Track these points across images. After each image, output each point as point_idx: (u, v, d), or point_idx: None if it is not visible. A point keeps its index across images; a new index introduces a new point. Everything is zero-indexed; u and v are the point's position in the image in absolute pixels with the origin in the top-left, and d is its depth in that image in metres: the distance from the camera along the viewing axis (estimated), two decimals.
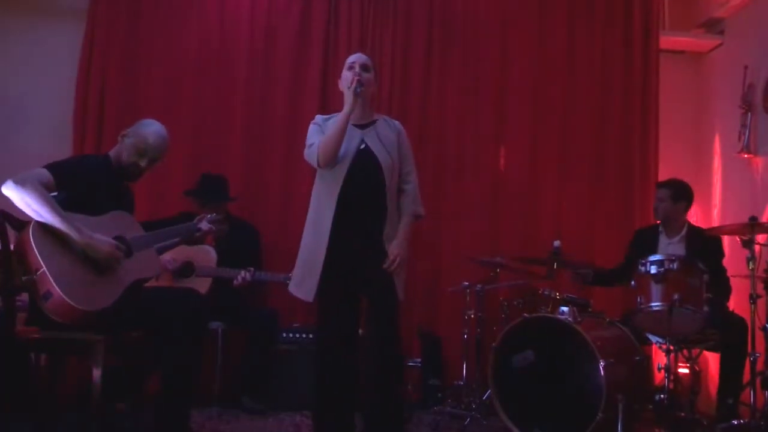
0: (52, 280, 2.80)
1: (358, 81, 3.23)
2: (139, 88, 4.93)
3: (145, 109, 4.86)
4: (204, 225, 3.62)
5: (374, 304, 3.26)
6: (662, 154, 5.20)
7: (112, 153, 3.33)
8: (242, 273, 4.26)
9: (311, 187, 4.93)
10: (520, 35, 5.19)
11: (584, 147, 5.14)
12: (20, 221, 3.05)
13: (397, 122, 3.48)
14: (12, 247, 2.94)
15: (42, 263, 2.81)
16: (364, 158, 3.27)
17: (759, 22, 4.85)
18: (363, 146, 3.29)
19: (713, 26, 5.29)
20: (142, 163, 3.28)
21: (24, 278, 2.84)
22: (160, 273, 3.56)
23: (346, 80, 3.29)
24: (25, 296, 3.11)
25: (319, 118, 3.41)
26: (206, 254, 4.36)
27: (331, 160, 3.21)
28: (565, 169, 5.12)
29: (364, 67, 3.33)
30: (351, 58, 3.38)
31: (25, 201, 2.91)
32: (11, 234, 3.01)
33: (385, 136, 3.35)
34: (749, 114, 4.78)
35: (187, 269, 4.33)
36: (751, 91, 4.80)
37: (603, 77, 5.20)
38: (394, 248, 3.23)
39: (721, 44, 5.25)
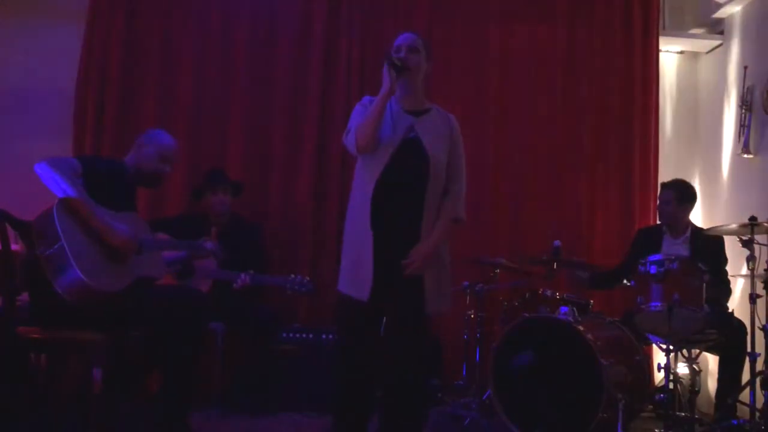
0: (69, 254, 2.87)
1: (397, 58, 2.90)
2: (139, 88, 4.92)
3: (145, 109, 4.89)
4: (209, 245, 3.73)
5: (396, 314, 2.97)
6: (662, 155, 5.21)
7: (127, 160, 3.48)
8: (242, 276, 4.25)
9: (311, 187, 5.02)
10: (519, 35, 5.18)
11: (584, 147, 5.14)
12: (20, 221, 3.07)
13: (452, 116, 3.12)
14: (32, 225, 3.01)
15: (62, 237, 2.90)
16: (411, 148, 2.95)
17: (759, 22, 4.84)
18: (412, 134, 2.96)
19: (713, 26, 5.28)
20: (167, 169, 3.49)
21: (39, 251, 2.92)
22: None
23: None
24: (25, 296, 3.12)
25: (366, 99, 3.07)
26: None
27: (370, 145, 2.88)
28: (565, 169, 5.12)
29: (411, 49, 2.98)
30: (397, 41, 3.02)
31: (54, 179, 3.04)
32: (11, 234, 3.03)
33: (438, 128, 3.02)
34: (749, 114, 4.78)
35: (187, 270, 4.32)
36: (751, 91, 4.79)
37: (603, 77, 5.20)
38: (418, 248, 2.89)
39: (721, 44, 5.25)
